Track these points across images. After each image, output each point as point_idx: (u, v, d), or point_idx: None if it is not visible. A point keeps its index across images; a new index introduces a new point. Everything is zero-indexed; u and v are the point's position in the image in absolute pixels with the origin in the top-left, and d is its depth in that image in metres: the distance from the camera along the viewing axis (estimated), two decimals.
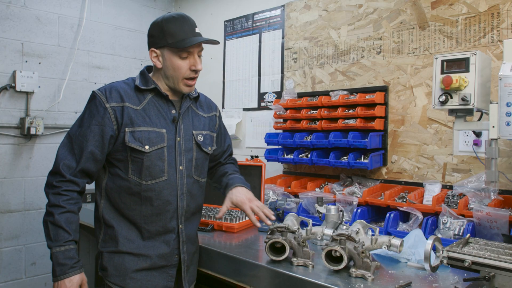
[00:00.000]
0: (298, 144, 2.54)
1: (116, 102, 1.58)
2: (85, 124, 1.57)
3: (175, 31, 1.58)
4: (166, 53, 1.60)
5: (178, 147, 1.66)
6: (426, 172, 2.25)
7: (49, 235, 1.51)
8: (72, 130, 1.60)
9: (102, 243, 1.66)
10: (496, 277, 1.27)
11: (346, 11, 2.63)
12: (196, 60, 1.62)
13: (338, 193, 2.31)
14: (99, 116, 1.56)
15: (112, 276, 1.62)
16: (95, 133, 1.56)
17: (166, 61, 1.61)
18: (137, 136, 1.58)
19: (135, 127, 1.58)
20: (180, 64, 1.60)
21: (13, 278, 3.04)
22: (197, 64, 1.62)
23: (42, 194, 3.14)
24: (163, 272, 1.67)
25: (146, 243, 1.64)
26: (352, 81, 2.59)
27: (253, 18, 3.22)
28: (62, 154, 1.56)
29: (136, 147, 1.57)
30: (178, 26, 1.59)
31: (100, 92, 1.60)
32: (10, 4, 2.97)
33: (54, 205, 1.52)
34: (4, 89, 2.94)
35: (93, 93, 1.61)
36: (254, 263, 1.69)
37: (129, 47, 3.65)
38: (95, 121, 1.56)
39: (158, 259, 1.65)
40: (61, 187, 1.53)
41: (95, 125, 1.56)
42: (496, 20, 2.03)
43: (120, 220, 1.64)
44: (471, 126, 1.66)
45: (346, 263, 1.49)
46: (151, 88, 1.64)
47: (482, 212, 1.77)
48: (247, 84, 3.26)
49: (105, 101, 1.57)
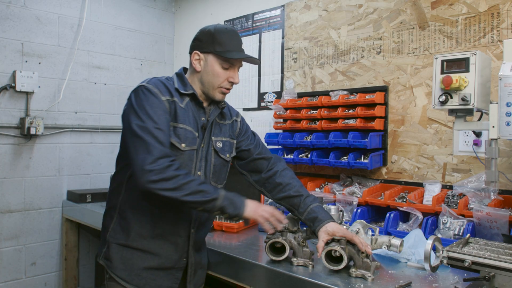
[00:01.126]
0: (298, 144, 2.54)
1: (169, 96, 1.60)
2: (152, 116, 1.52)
3: (225, 41, 1.63)
4: (210, 59, 1.64)
5: (200, 153, 1.67)
6: (426, 172, 2.25)
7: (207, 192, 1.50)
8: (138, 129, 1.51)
9: (112, 232, 1.65)
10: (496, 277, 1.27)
11: (346, 11, 2.63)
12: (235, 73, 1.68)
13: (338, 193, 2.31)
14: (161, 105, 1.55)
15: (118, 269, 1.61)
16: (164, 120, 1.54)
17: (208, 66, 1.65)
18: (177, 132, 1.59)
19: (178, 123, 1.59)
20: (220, 73, 1.64)
21: (13, 278, 3.04)
22: (235, 78, 1.67)
23: (42, 194, 3.16)
24: (169, 274, 1.67)
25: (157, 241, 1.63)
26: (352, 81, 2.59)
27: (253, 18, 3.22)
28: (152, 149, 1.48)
29: (175, 143, 1.57)
30: (228, 38, 1.64)
31: (151, 85, 1.58)
32: (10, 4, 2.97)
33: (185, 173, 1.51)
34: (4, 89, 2.94)
35: (143, 87, 1.58)
36: (254, 263, 1.69)
37: (129, 47, 3.65)
38: (160, 110, 1.54)
39: (166, 260, 1.65)
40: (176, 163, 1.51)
41: (162, 115, 1.54)
42: (496, 20, 2.03)
43: (135, 213, 1.63)
44: (471, 126, 1.66)
45: (346, 263, 1.50)
46: (189, 93, 1.66)
47: (482, 212, 1.77)
48: (247, 84, 3.25)
49: (160, 94, 1.57)
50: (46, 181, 3.18)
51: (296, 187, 1.76)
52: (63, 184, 3.27)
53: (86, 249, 3.47)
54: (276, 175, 1.79)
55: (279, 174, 1.80)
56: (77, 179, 3.34)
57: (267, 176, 1.81)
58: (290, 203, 1.74)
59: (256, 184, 1.85)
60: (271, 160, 1.84)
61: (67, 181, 3.28)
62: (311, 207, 1.68)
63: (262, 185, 1.82)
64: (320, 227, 1.61)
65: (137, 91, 1.59)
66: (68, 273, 3.29)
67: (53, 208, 3.23)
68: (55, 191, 3.23)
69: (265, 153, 1.86)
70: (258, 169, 1.83)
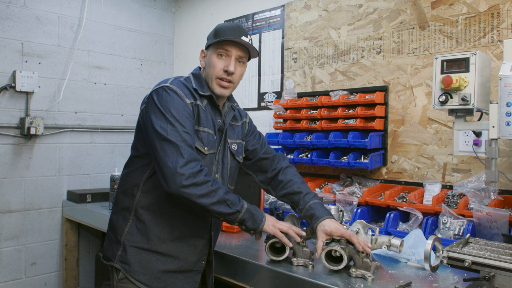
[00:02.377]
0: (298, 144, 2.54)
1: (193, 99, 1.58)
2: (179, 118, 1.50)
3: (222, 31, 1.61)
4: (209, 52, 1.64)
5: (218, 156, 1.67)
6: (426, 172, 2.25)
7: (232, 203, 1.51)
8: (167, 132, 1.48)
9: (128, 235, 1.60)
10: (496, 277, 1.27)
11: (346, 11, 2.63)
12: (230, 61, 1.61)
13: (338, 193, 2.31)
14: (187, 108, 1.53)
15: (137, 273, 1.58)
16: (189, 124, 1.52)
17: (208, 59, 1.65)
18: (200, 136, 1.58)
19: (201, 126, 1.59)
20: (216, 62, 1.61)
21: (13, 278, 3.04)
22: (230, 66, 1.60)
23: (42, 194, 3.16)
24: (188, 277, 1.66)
25: (176, 244, 1.62)
26: (352, 81, 2.59)
27: (253, 18, 3.22)
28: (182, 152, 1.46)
29: (199, 147, 1.57)
30: (226, 27, 1.62)
31: (176, 87, 1.55)
32: (10, 4, 2.97)
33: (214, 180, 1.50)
34: (4, 89, 2.94)
35: (168, 87, 1.54)
36: (254, 263, 1.69)
37: (129, 47, 3.65)
38: (186, 113, 1.52)
39: (186, 263, 1.64)
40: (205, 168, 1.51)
41: (188, 118, 1.52)
42: (496, 20, 2.03)
43: (154, 216, 1.60)
44: (471, 126, 1.66)
45: (346, 263, 1.50)
46: (207, 95, 1.64)
47: (482, 212, 1.77)
48: (247, 84, 3.25)
49: (185, 96, 1.55)
50: (46, 181, 3.18)
51: (297, 183, 1.76)
52: (63, 184, 3.27)
53: (86, 249, 3.46)
54: (280, 173, 1.80)
55: (282, 172, 1.81)
56: (77, 179, 3.34)
57: (272, 175, 1.81)
58: (291, 199, 1.75)
59: (262, 184, 1.85)
60: (276, 159, 1.84)
61: (67, 181, 3.28)
62: (309, 203, 1.68)
63: (268, 184, 1.83)
64: (317, 224, 1.60)
65: (161, 91, 1.55)
66: (68, 273, 3.29)
67: (53, 208, 3.23)
68: (55, 191, 3.23)
69: (270, 152, 1.86)
70: (263, 169, 1.83)
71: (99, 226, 2.82)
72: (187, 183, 1.43)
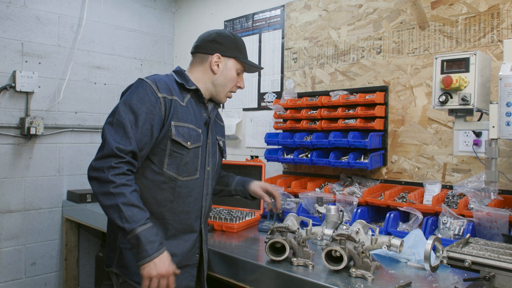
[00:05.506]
0: (298, 144, 2.54)
1: (167, 94, 1.59)
2: (136, 111, 1.51)
3: (243, 49, 1.77)
4: (230, 64, 1.73)
5: (208, 149, 1.71)
6: (426, 172, 2.25)
7: (124, 218, 1.40)
8: (121, 115, 1.51)
9: (123, 238, 1.59)
10: (496, 277, 1.27)
11: (346, 11, 2.63)
12: (242, 79, 1.79)
13: (338, 193, 2.31)
14: (150, 104, 1.53)
15: (136, 275, 1.56)
16: (145, 121, 1.52)
17: (227, 70, 1.72)
18: (181, 131, 1.59)
19: (180, 122, 1.60)
20: (235, 78, 1.74)
21: (13, 278, 3.04)
22: (242, 83, 1.79)
23: (42, 194, 3.16)
24: (186, 272, 1.68)
25: (171, 241, 1.63)
26: (352, 81, 2.59)
27: (253, 18, 3.22)
28: (113, 137, 1.47)
29: (180, 141, 1.58)
30: (244, 46, 1.79)
31: (150, 81, 1.57)
32: (10, 4, 2.97)
33: (121, 184, 1.43)
34: (4, 89, 2.94)
35: (142, 80, 1.57)
36: (254, 263, 1.69)
37: (129, 47, 3.65)
38: (146, 108, 1.52)
39: (183, 258, 1.66)
40: (123, 167, 1.46)
41: (146, 113, 1.52)
42: (496, 20, 2.03)
43: None
44: (471, 126, 1.66)
45: (346, 263, 1.50)
46: (192, 88, 1.67)
47: (482, 212, 1.77)
48: (247, 84, 3.25)
49: (157, 90, 1.56)
50: (46, 181, 3.18)
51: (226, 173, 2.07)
52: (63, 184, 3.27)
53: (86, 249, 3.46)
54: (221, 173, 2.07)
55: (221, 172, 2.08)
56: (77, 179, 3.34)
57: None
58: (222, 183, 2.02)
59: None
60: None
61: (67, 181, 3.28)
62: (237, 178, 2.02)
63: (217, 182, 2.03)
64: (249, 185, 1.96)
65: (136, 83, 1.59)
66: (68, 273, 3.29)
67: (53, 208, 3.23)
68: (55, 191, 3.23)
69: None
70: None
71: (99, 226, 2.82)
72: (91, 175, 1.46)
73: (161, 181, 1.59)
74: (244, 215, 2.33)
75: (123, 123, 1.49)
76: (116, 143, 1.46)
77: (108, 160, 1.45)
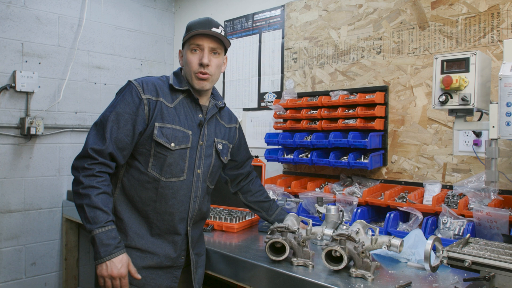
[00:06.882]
0: (298, 144, 2.54)
1: (152, 95, 1.61)
2: (118, 111, 1.56)
3: (192, 27, 1.66)
4: (184, 50, 1.70)
5: (200, 151, 1.69)
6: (426, 172, 2.25)
7: (87, 218, 1.48)
8: (105, 115, 1.57)
9: None
10: (496, 277, 1.27)
11: (346, 11, 2.63)
12: (204, 54, 1.64)
13: (338, 193, 2.31)
14: (134, 105, 1.57)
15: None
16: (127, 121, 1.56)
17: (185, 56, 1.69)
18: (165, 132, 1.60)
19: (165, 123, 1.60)
20: (191, 58, 1.65)
21: (13, 278, 3.04)
22: (204, 58, 1.63)
23: (42, 194, 3.17)
24: (168, 273, 1.68)
25: (155, 240, 1.64)
26: (352, 81, 2.59)
27: (253, 18, 3.22)
28: (92, 138, 1.55)
29: (163, 143, 1.59)
30: (196, 23, 1.66)
31: (137, 82, 1.61)
32: (10, 4, 2.97)
33: (89, 186, 1.49)
34: (4, 89, 2.94)
35: (129, 82, 1.62)
36: (254, 263, 1.69)
37: (129, 47, 3.65)
38: (129, 109, 1.57)
39: (165, 258, 1.66)
40: (95, 169, 1.51)
41: (128, 114, 1.56)
42: (496, 20, 2.03)
43: (131, 213, 1.64)
44: (471, 126, 1.66)
45: (346, 263, 1.50)
46: (184, 89, 1.67)
47: (482, 212, 1.77)
48: (247, 84, 3.25)
49: (142, 92, 1.59)
50: (46, 181, 3.18)
51: (265, 193, 2.03)
52: (63, 184, 3.27)
53: (86, 249, 3.47)
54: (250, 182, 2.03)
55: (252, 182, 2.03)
56: None
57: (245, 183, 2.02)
58: (260, 206, 1.99)
59: (232, 188, 2.04)
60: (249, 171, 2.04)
61: (67, 181, 3.28)
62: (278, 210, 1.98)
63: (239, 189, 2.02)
64: None
65: (124, 85, 1.64)
66: (68, 273, 3.29)
67: (53, 208, 3.23)
68: (55, 191, 3.23)
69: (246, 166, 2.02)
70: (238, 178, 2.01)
71: None
72: (72, 173, 1.55)
73: (145, 180, 1.62)
74: (244, 215, 2.33)
75: (105, 124, 1.55)
76: (92, 144, 1.53)
77: (83, 160, 1.53)
